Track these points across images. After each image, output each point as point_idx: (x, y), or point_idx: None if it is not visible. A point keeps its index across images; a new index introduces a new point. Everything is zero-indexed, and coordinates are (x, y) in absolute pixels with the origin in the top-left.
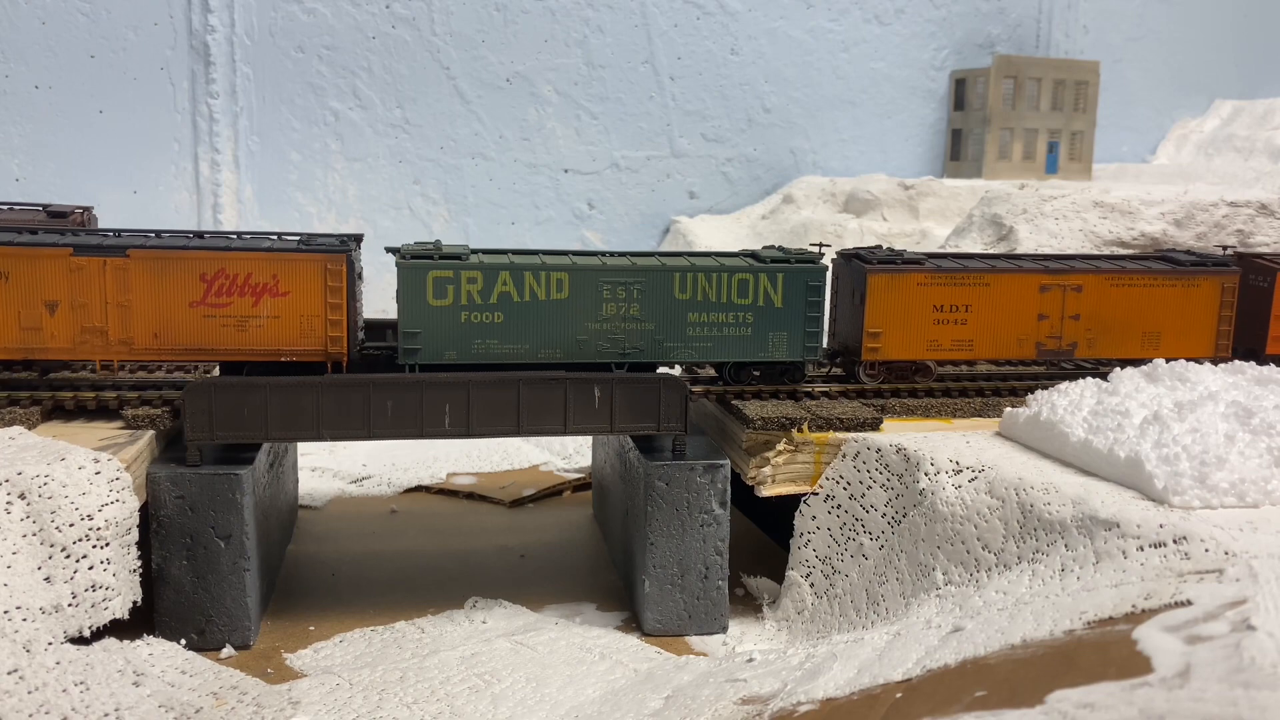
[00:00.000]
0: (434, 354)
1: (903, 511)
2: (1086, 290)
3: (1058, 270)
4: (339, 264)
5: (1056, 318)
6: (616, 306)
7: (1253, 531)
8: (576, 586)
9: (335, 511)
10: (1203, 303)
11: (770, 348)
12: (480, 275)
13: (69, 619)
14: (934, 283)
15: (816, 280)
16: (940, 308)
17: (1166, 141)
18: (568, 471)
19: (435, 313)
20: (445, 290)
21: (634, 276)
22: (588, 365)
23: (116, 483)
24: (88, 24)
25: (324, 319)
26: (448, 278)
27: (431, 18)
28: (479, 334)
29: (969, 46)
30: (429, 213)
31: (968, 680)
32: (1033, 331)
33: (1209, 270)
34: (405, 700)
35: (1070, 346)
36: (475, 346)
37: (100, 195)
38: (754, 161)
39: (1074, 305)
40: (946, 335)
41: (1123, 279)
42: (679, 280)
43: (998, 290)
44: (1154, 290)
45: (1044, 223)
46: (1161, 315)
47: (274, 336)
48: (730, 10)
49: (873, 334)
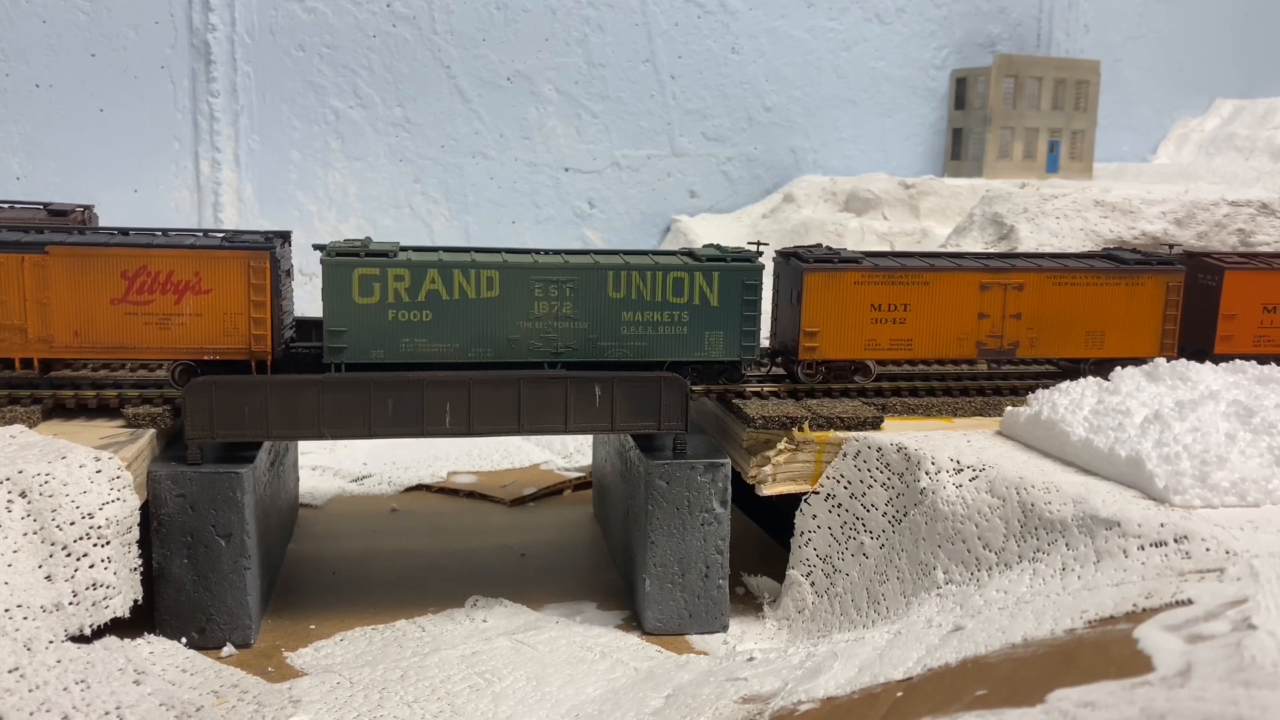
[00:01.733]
0: (360, 353)
1: (903, 510)
2: (1028, 289)
3: (998, 269)
4: (262, 261)
5: (998, 317)
6: (549, 305)
7: (1254, 531)
8: (577, 585)
9: (336, 510)
10: (1147, 302)
11: (707, 347)
12: (407, 273)
13: (70, 617)
14: (871, 281)
15: (753, 279)
16: (878, 306)
17: (1167, 141)
18: (568, 470)
19: (361, 311)
20: (371, 288)
21: (566, 275)
22: (519, 365)
23: (117, 481)
24: (88, 22)
25: (248, 317)
26: (374, 275)
27: (432, 16)
28: (407, 332)
29: (970, 45)
30: (429, 211)
31: (968, 679)
32: (973, 331)
33: (1154, 269)
34: (406, 699)
35: (1012, 346)
36: (403, 345)
37: (101, 194)
38: (754, 160)
39: (1015, 304)
40: (885, 334)
41: (1065, 277)
42: (612, 279)
43: (936, 289)
44: (1097, 289)
45: (1045, 222)
46: (1105, 314)
47: (197, 335)
48: (731, 9)
49: (809, 333)
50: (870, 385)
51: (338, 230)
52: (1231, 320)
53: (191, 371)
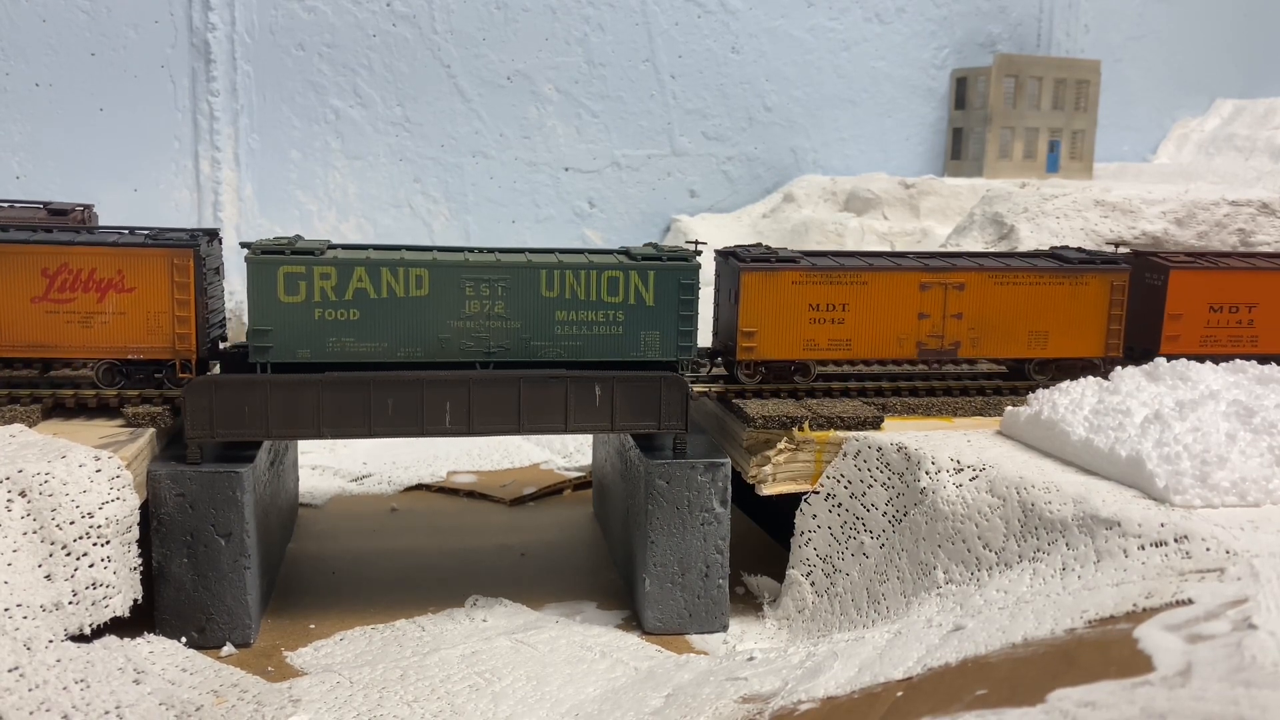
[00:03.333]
0: (286, 352)
1: (904, 510)
2: (969, 288)
3: (938, 268)
4: (185, 259)
5: (938, 316)
6: (480, 304)
7: (1254, 530)
8: (577, 585)
9: (336, 510)
10: (1091, 301)
11: (643, 347)
12: (334, 271)
13: (69, 617)
14: (809, 281)
15: (689, 278)
16: (816, 306)
17: (1167, 141)
18: (568, 470)
19: (287, 309)
20: (297, 286)
21: (498, 274)
22: (450, 364)
23: (117, 480)
24: (88, 22)
25: (171, 316)
26: (300, 273)
27: (432, 15)
28: (334, 331)
29: (970, 45)
30: (429, 211)
31: (969, 679)
32: (913, 331)
33: (1098, 268)
34: (406, 698)
35: (953, 346)
36: (330, 344)
37: (100, 193)
38: (755, 160)
39: (956, 304)
40: (823, 335)
41: (1007, 277)
42: (545, 278)
43: (875, 289)
44: (1040, 288)
45: (1045, 222)
46: (1049, 314)
47: (120, 334)
48: (731, 9)
49: (747, 333)
50: (806, 386)
51: (338, 230)
52: (1177, 320)
53: (116, 371)
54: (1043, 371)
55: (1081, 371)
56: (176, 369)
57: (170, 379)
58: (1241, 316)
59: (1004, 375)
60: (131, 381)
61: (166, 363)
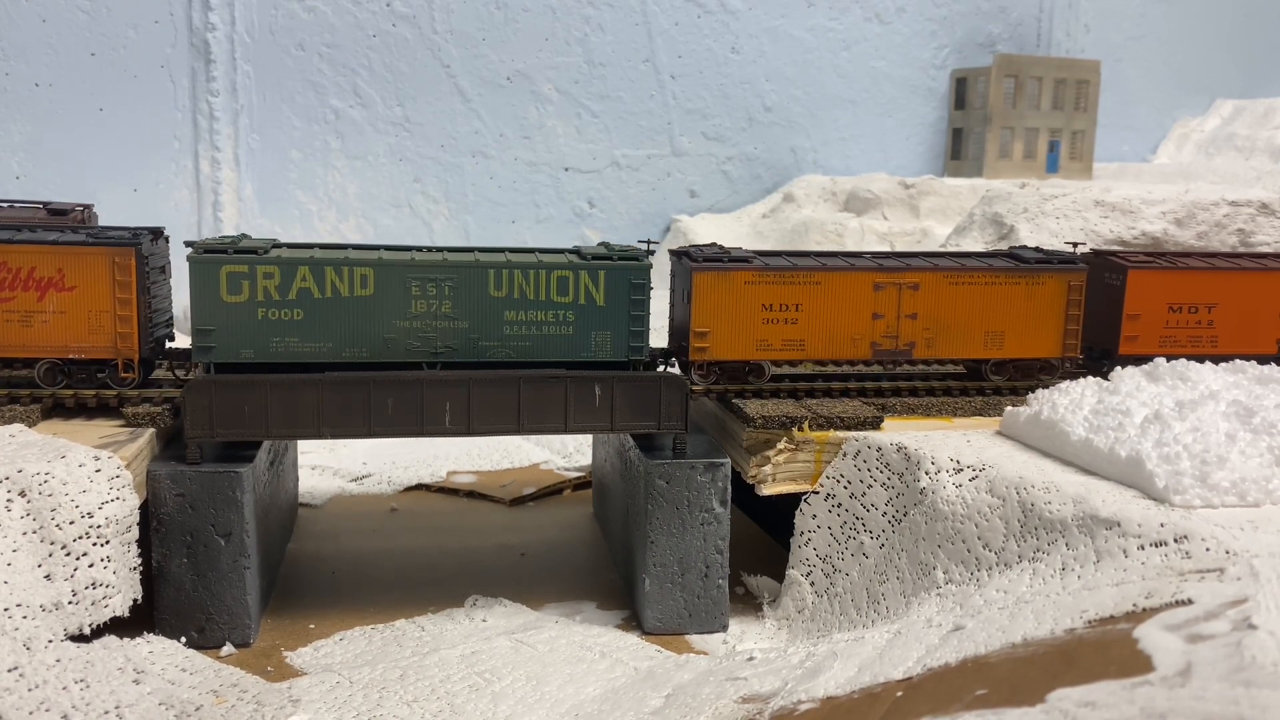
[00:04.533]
0: (229, 352)
1: (903, 510)
2: (924, 289)
3: (893, 268)
4: (127, 258)
5: (892, 317)
6: (427, 304)
7: (1254, 530)
8: (577, 585)
9: (335, 510)
10: (1048, 301)
11: (594, 348)
12: (277, 270)
13: (69, 616)
14: (762, 281)
15: (640, 278)
16: (770, 306)
17: (1167, 141)
18: (568, 470)
19: (230, 309)
20: (240, 286)
21: (445, 273)
22: (396, 365)
23: (117, 480)
24: (88, 22)
25: (113, 315)
26: (242, 273)
27: (432, 16)
28: (277, 331)
29: (970, 45)
30: (429, 211)
31: (969, 679)
32: (867, 331)
33: (1054, 268)
34: (405, 698)
35: (908, 346)
36: (273, 344)
37: (100, 193)
38: (755, 160)
39: (910, 304)
40: (777, 335)
41: (962, 277)
42: (493, 277)
43: (829, 289)
44: (996, 289)
45: (1045, 222)
46: (1005, 314)
47: (61, 333)
48: (731, 9)
49: (700, 333)
50: (758, 387)
51: (338, 230)
52: (1136, 320)
53: (58, 371)
54: (1000, 372)
55: (1039, 372)
56: (119, 368)
57: (113, 379)
58: (1201, 317)
59: (961, 376)
60: (73, 381)
61: (109, 362)
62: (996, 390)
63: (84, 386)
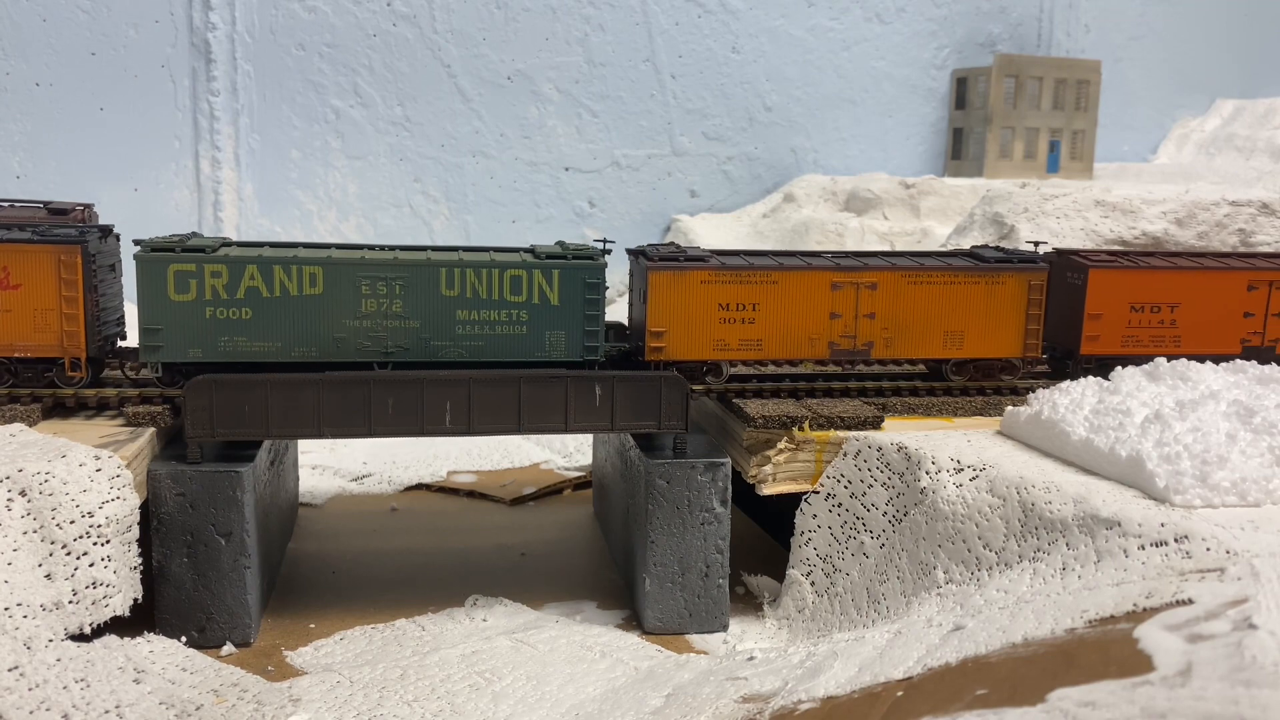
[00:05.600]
0: (177, 351)
1: (904, 510)
2: (882, 288)
3: (851, 267)
4: (73, 255)
5: (850, 316)
6: (377, 303)
7: (1254, 530)
8: (577, 585)
9: (336, 509)
10: (1009, 301)
11: (548, 348)
12: (225, 269)
13: (70, 616)
14: (718, 280)
15: (595, 277)
16: (726, 306)
17: (1168, 141)
18: (568, 470)
19: (178, 308)
20: (188, 284)
21: (395, 272)
22: (346, 365)
23: (117, 480)
24: (88, 21)
25: (59, 313)
26: (190, 271)
27: (432, 15)
28: (225, 331)
29: (970, 45)
30: (430, 211)
31: (969, 678)
32: (825, 331)
33: (1015, 267)
34: (406, 698)
35: (866, 346)
36: (222, 344)
37: (101, 192)
38: (755, 160)
39: (868, 304)
40: (734, 335)
41: (921, 276)
42: (445, 276)
43: (786, 288)
44: (955, 288)
45: (1045, 222)
46: (964, 314)
47: (7, 331)
48: (731, 8)
49: (656, 333)
50: (720, 387)
51: (338, 230)
52: (1097, 320)
53: (3, 369)
54: (960, 372)
55: (1000, 372)
56: (66, 367)
57: (60, 377)
58: (1164, 316)
59: (922, 376)
60: (19, 380)
61: (55, 360)
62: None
63: (31, 385)
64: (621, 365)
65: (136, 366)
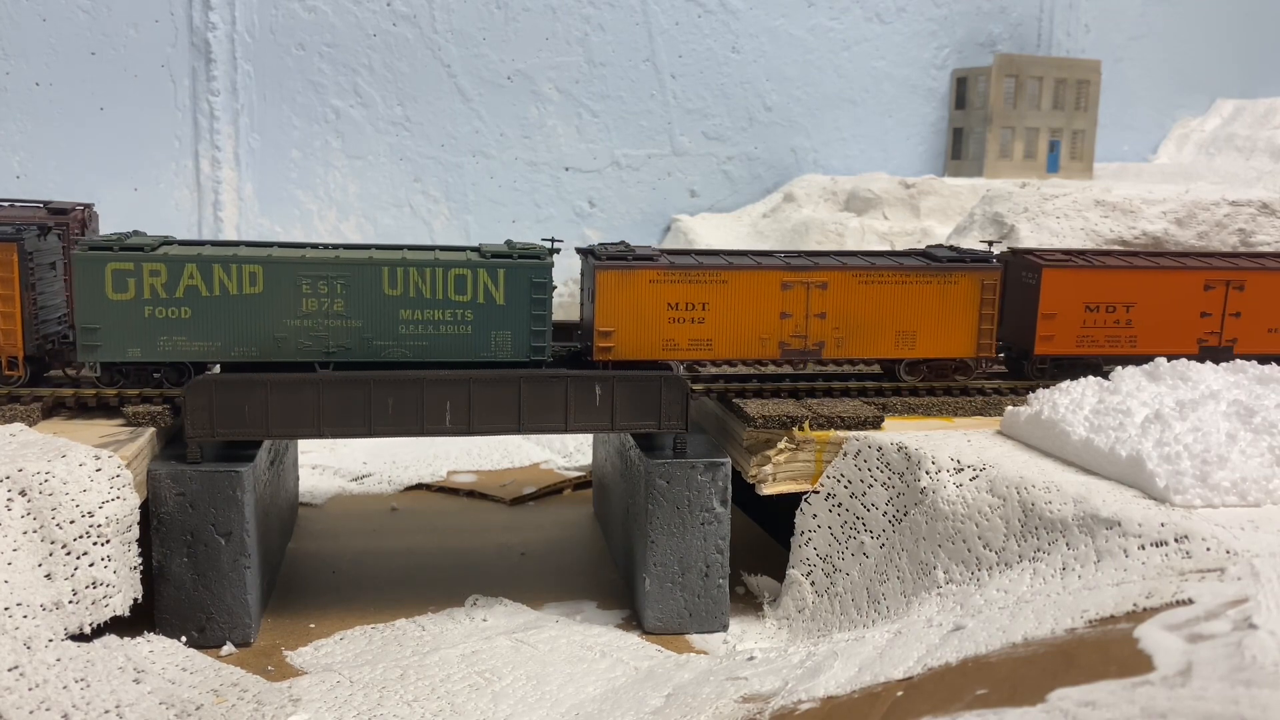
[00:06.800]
0: (116, 350)
1: (904, 510)
2: (832, 288)
3: (801, 267)
4: (8, 254)
5: (801, 316)
6: (318, 302)
7: (1254, 530)
8: (577, 584)
9: (336, 509)
10: (961, 301)
11: (494, 348)
12: (164, 268)
13: (70, 616)
14: (667, 280)
15: (541, 277)
16: (675, 306)
17: (1168, 141)
18: (568, 469)
19: (116, 307)
20: (126, 283)
21: (336, 271)
22: (287, 365)
23: (117, 480)
24: (88, 21)
25: None
26: (128, 270)
27: (432, 15)
28: (164, 330)
29: (970, 45)
30: (430, 210)
31: (969, 678)
32: (775, 330)
33: (967, 267)
34: (406, 698)
35: (817, 346)
36: (161, 343)
37: (101, 192)
38: (755, 160)
39: (819, 303)
40: (683, 334)
41: (872, 276)
42: (388, 275)
43: (735, 288)
44: (907, 288)
45: (1045, 221)
46: (916, 314)
47: None
48: (731, 8)
49: (604, 333)
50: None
51: (338, 229)
52: (1051, 320)
53: None
54: (913, 372)
55: (954, 372)
56: (3, 366)
57: None
58: (1119, 316)
59: (875, 376)
60: None
61: None
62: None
63: None
64: (570, 365)
65: (78, 366)
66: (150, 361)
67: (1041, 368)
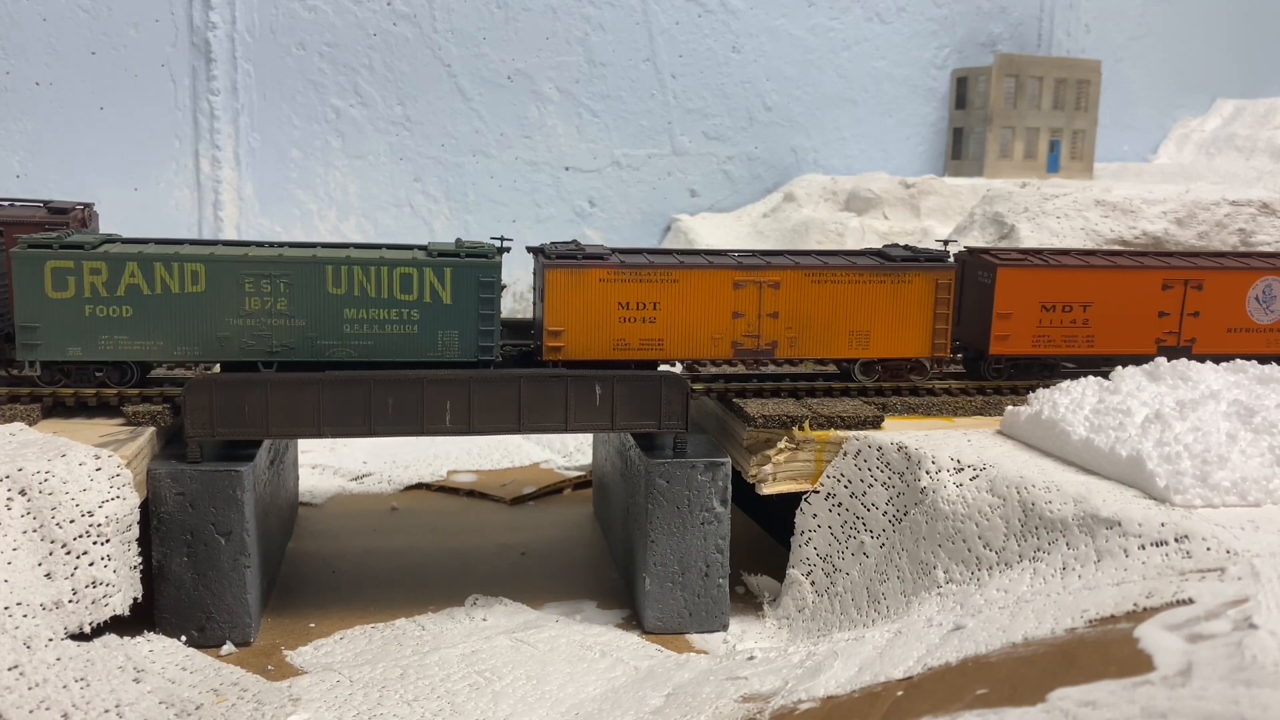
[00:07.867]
0: (56, 349)
1: (904, 509)
2: (785, 287)
3: (753, 266)
4: None
5: (753, 316)
6: (261, 301)
7: (1254, 530)
8: (577, 584)
9: (336, 509)
10: (915, 300)
11: (440, 348)
12: (104, 266)
13: (69, 615)
14: (618, 279)
15: (489, 276)
16: (626, 305)
17: (1168, 141)
18: (568, 469)
19: (55, 305)
20: (66, 281)
21: (279, 269)
22: (232, 365)
23: (117, 479)
24: (89, 21)
25: None
26: (68, 268)
27: (433, 15)
28: (105, 329)
29: (970, 45)
30: (430, 210)
31: (969, 678)
32: (728, 330)
33: (921, 266)
34: (406, 697)
35: (769, 346)
36: (102, 342)
37: (101, 192)
38: (755, 160)
39: (771, 303)
40: (634, 334)
41: (824, 275)
42: (332, 274)
43: (687, 287)
44: (860, 287)
45: (1045, 221)
46: (870, 313)
47: None
48: (731, 8)
49: (553, 332)
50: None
51: (338, 229)
52: (1007, 320)
53: None
54: (868, 372)
55: (909, 372)
56: None
57: None
58: (1076, 316)
59: (830, 376)
60: None
61: None
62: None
63: None
64: (520, 365)
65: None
66: (91, 361)
67: (998, 368)
